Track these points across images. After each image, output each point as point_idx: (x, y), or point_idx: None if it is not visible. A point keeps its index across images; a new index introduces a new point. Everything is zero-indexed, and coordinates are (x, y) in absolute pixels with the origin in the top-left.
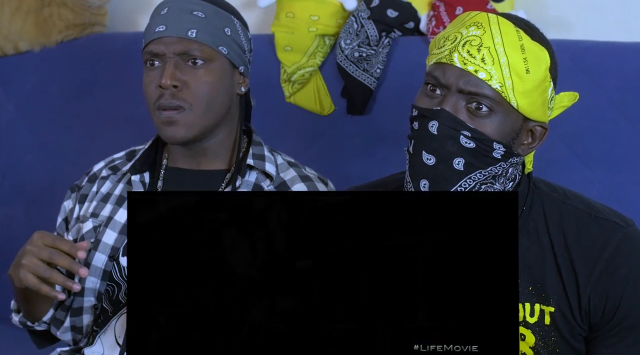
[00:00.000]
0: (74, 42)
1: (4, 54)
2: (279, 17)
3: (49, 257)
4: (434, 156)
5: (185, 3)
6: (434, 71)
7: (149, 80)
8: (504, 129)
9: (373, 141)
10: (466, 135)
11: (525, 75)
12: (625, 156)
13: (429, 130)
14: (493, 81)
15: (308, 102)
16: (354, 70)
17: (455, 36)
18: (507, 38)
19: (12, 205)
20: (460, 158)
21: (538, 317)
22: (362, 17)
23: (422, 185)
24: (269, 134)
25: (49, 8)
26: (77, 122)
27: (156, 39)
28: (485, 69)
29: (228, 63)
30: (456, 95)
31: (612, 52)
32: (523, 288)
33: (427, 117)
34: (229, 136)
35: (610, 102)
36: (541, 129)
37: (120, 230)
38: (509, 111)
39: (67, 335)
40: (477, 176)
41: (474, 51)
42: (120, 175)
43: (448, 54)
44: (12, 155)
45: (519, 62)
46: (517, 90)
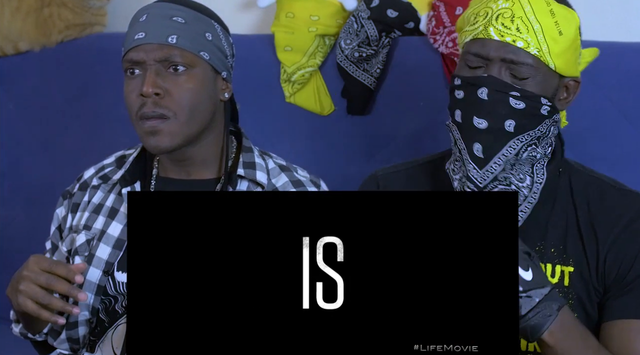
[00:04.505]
0: (74, 42)
1: (4, 54)
2: (279, 17)
3: (47, 283)
4: (485, 120)
5: (164, 9)
6: (472, 47)
7: (129, 89)
8: (545, 89)
9: (373, 141)
10: (515, 95)
11: (559, 38)
12: (625, 156)
13: (478, 96)
14: (531, 48)
15: (308, 102)
16: (354, 70)
17: (486, 11)
18: (536, 5)
19: (12, 205)
20: (511, 120)
21: (558, 279)
22: (362, 17)
23: (476, 150)
24: (269, 134)
25: (49, 8)
26: (77, 122)
27: (136, 47)
28: (522, 37)
29: (210, 69)
30: (498, 64)
31: (612, 52)
32: (546, 249)
33: (475, 84)
34: (215, 143)
35: (610, 102)
36: (574, 83)
37: (114, 244)
38: (548, 72)
39: (64, 345)
40: (525, 137)
41: (507, 23)
42: (111, 185)
43: (484, 29)
44: (12, 155)
45: (552, 26)
46: (553, 52)
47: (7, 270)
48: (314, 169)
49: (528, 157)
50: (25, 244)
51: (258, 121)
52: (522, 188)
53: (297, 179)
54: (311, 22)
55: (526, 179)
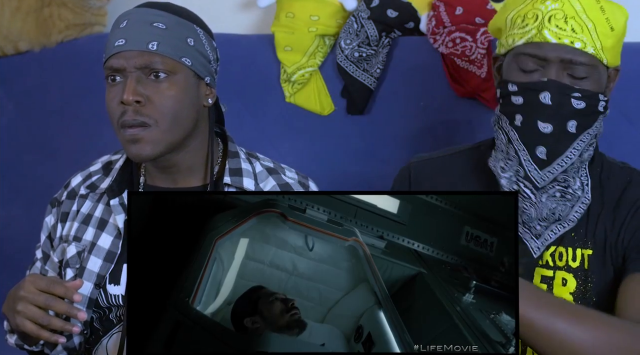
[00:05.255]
0: (74, 42)
1: (4, 54)
2: (279, 17)
3: (46, 304)
4: (550, 124)
5: (145, 15)
6: (527, 50)
7: (110, 97)
8: (600, 84)
9: (373, 141)
10: (576, 96)
11: (610, 33)
12: (625, 156)
13: (541, 101)
14: (588, 47)
15: (308, 102)
16: (354, 70)
17: (535, 13)
18: (586, 3)
19: (12, 205)
20: (573, 121)
21: (580, 262)
22: (362, 17)
23: (539, 152)
24: (269, 134)
25: (49, 8)
26: (77, 122)
27: (116, 54)
28: (579, 37)
29: (192, 74)
30: (557, 65)
31: None
32: (567, 233)
33: (535, 89)
34: (201, 149)
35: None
36: (615, 71)
37: (104, 257)
38: (602, 68)
39: (61, 354)
40: (585, 137)
41: (561, 24)
42: (99, 194)
43: (537, 33)
44: (12, 155)
45: (604, 23)
46: (605, 48)
47: (7, 270)
48: (314, 169)
49: (587, 156)
50: (25, 244)
51: (258, 121)
52: (576, 190)
53: (285, 182)
54: (311, 22)
55: (576, 180)
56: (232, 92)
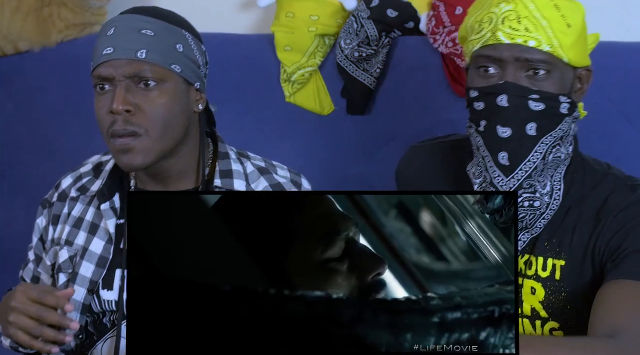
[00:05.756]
0: (74, 42)
1: (4, 54)
2: (279, 17)
3: (37, 315)
4: (509, 128)
5: (133, 22)
6: (483, 53)
7: (99, 106)
8: (563, 86)
9: (373, 141)
10: (534, 98)
11: (568, 30)
12: (625, 156)
13: (499, 105)
14: (543, 46)
15: (308, 102)
16: (354, 70)
17: (490, 17)
18: (540, 2)
19: (12, 205)
20: (533, 123)
21: (550, 272)
22: (362, 17)
23: (501, 158)
24: (269, 134)
25: (49, 8)
26: (77, 122)
27: (104, 63)
28: (533, 36)
29: (183, 81)
30: (514, 66)
31: (612, 52)
32: (540, 243)
33: (493, 93)
34: (191, 154)
35: (610, 102)
36: (586, 72)
37: (97, 262)
38: (563, 67)
39: None
40: (548, 140)
41: (515, 25)
42: (90, 197)
43: (492, 36)
44: (12, 155)
45: (559, 20)
46: (565, 46)
47: (7, 270)
48: (314, 169)
49: (554, 159)
50: (25, 244)
51: (258, 121)
52: (544, 196)
53: (277, 183)
54: (311, 22)
55: (547, 186)
56: (232, 92)
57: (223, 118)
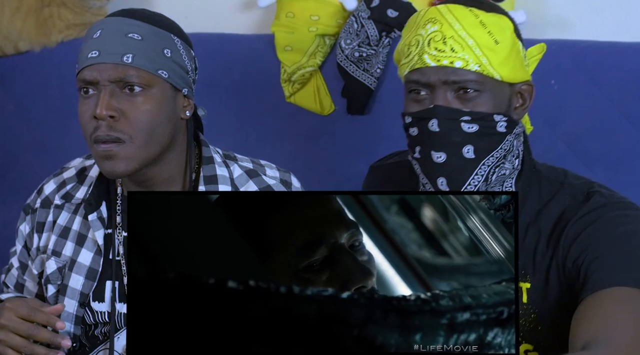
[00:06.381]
0: (74, 42)
1: (4, 54)
2: (279, 17)
3: (27, 333)
4: (443, 152)
5: (119, 25)
6: (412, 77)
7: (83, 110)
8: (497, 102)
9: (373, 141)
10: (466, 120)
11: (496, 47)
12: (625, 156)
13: (430, 130)
14: (471, 65)
15: (308, 102)
16: (354, 70)
17: (417, 39)
18: (465, 20)
19: (12, 205)
20: (469, 145)
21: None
22: (362, 17)
23: (440, 183)
24: (269, 134)
25: (49, 8)
26: (77, 122)
27: (89, 66)
28: (459, 56)
29: (169, 87)
30: (442, 88)
31: (612, 52)
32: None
33: (424, 118)
34: (177, 161)
35: (610, 102)
36: (527, 86)
37: (86, 274)
38: (495, 85)
39: None
40: (489, 160)
41: (440, 46)
42: (75, 204)
43: (418, 59)
44: (12, 155)
45: (486, 37)
46: (494, 63)
47: None
48: (314, 169)
49: (497, 177)
50: None
51: (258, 121)
52: None
53: (267, 185)
54: (311, 22)
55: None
56: (232, 92)
57: (223, 118)
